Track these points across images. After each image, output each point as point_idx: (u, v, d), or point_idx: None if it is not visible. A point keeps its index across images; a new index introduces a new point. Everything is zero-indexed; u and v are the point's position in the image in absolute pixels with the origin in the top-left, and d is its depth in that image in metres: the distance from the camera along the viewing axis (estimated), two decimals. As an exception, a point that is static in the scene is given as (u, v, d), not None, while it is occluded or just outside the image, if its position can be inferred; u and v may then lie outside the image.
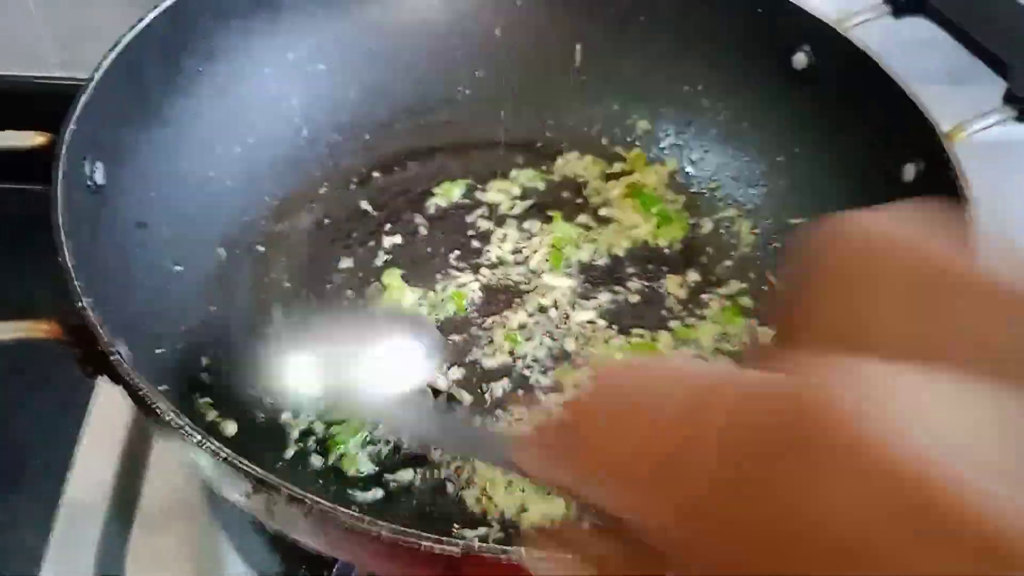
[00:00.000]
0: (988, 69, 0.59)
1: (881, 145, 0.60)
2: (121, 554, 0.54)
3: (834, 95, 0.63)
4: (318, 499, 0.37)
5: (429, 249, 0.63)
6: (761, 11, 0.64)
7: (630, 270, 0.64)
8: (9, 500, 0.62)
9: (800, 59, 0.64)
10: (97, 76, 0.50)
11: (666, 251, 0.65)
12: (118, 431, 0.58)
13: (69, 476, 0.56)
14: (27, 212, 0.78)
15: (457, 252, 0.63)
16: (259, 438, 0.53)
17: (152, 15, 0.54)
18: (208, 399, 0.52)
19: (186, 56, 0.59)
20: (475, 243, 0.64)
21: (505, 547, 0.36)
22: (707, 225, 0.66)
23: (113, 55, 0.52)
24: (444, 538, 0.36)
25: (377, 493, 0.52)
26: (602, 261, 0.64)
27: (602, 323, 0.60)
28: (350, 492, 0.52)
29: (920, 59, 0.64)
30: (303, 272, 0.61)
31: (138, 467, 0.58)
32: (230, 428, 0.52)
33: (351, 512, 0.37)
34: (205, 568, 0.55)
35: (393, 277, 0.61)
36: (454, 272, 0.62)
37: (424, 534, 0.36)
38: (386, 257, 0.63)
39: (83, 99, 0.49)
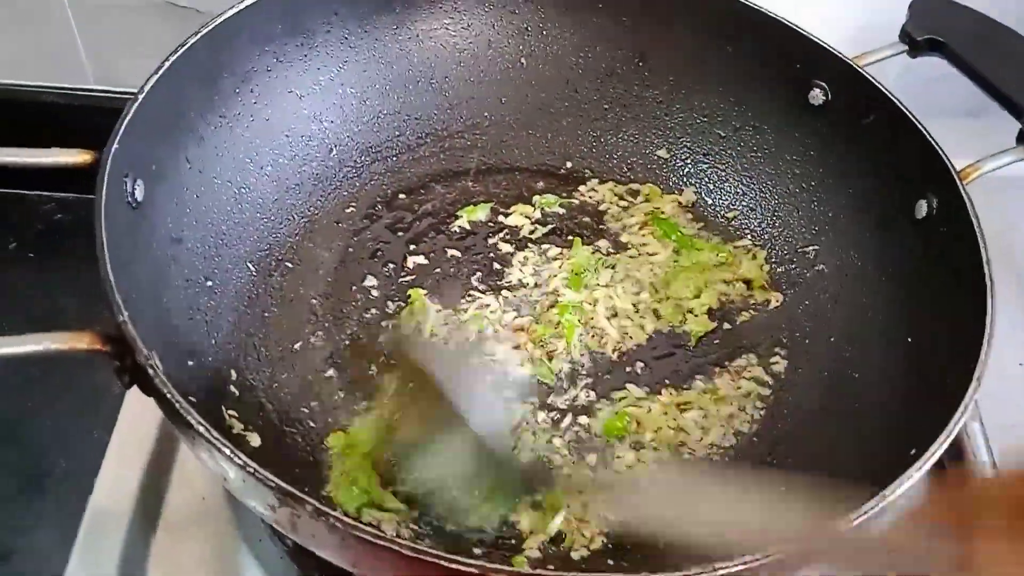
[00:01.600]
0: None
1: (895, 180, 0.61)
2: (144, 560, 0.55)
3: (849, 130, 0.64)
4: (340, 515, 0.38)
5: (452, 270, 0.65)
6: (779, 47, 0.65)
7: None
8: (34, 505, 0.63)
9: (816, 95, 0.65)
10: (140, 97, 0.52)
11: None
12: (145, 441, 0.60)
13: (96, 483, 0.58)
14: (56, 222, 0.81)
15: (479, 274, 0.65)
16: (282, 450, 0.54)
17: (193, 39, 0.56)
18: (234, 411, 0.54)
19: (223, 78, 0.60)
20: (496, 265, 0.65)
21: (524, 570, 0.37)
22: (724, 253, 0.68)
23: (156, 76, 0.53)
24: (463, 558, 0.37)
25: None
26: (620, 287, 0.65)
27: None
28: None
29: (935, 96, 0.65)
30: (330, 290, 0.63)
31: (163, 476, 0.59)
32: (255, 440, 0.53)
33: (373, 528, 0.38)
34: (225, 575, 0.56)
35: (417, 297, 0.62)
36: (476, 293, 0.64)
37: (444, 554, 0.37)
38: (410, 277, 0.64)
39: (127, 119, 0.50)
